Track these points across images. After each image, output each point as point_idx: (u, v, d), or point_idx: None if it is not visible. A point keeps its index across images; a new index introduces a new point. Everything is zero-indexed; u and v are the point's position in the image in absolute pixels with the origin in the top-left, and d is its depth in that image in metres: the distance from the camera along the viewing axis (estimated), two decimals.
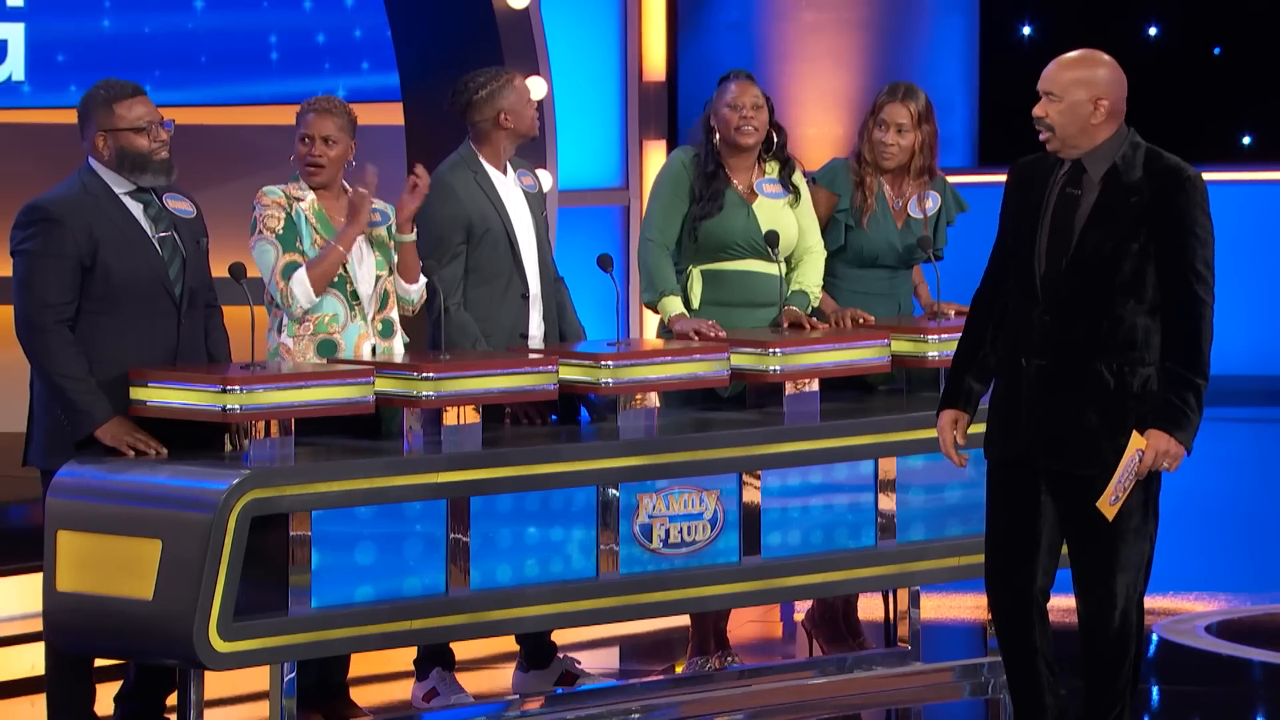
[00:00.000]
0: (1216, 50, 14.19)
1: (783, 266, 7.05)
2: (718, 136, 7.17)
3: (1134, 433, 5.60)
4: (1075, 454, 5.65)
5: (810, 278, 7.15)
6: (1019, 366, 5.72)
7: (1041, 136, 5.75)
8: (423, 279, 6.65)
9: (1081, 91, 5.68)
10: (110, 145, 6.24)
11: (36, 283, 6.16)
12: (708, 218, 7.05)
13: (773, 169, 7.18)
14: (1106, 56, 5.79)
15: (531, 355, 6.66)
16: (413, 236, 6.63)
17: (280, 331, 6.54)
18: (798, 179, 7.19)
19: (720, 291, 7.05)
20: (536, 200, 6.95)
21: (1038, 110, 5.74)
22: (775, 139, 7.15)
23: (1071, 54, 5.80)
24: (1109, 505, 5.60)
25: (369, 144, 7.39)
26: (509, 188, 6.90)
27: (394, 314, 6.64)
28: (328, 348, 6.53)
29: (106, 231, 6.21)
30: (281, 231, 6.49)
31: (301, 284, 6.47)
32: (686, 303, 7.01)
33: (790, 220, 7.13)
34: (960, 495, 6.91)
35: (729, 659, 7.18)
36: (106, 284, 6.20)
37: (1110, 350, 5.63)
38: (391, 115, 9.24)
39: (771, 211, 7.11)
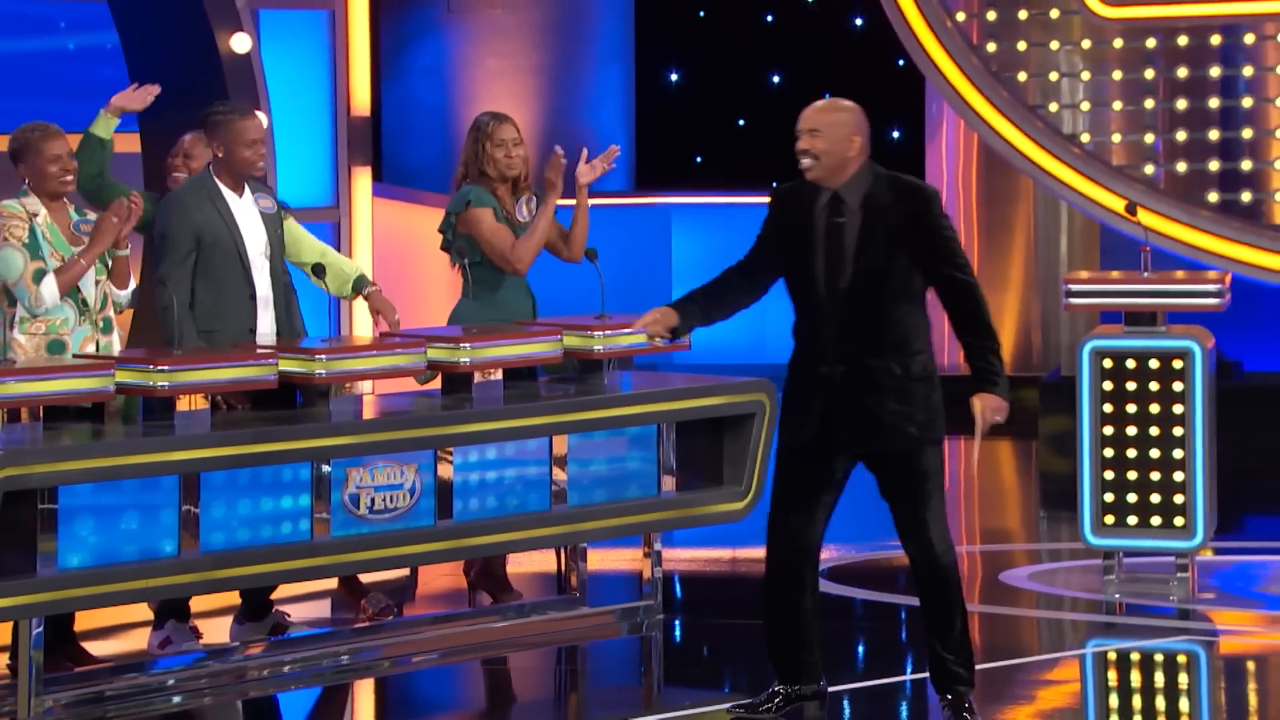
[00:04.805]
0: (826, 95, 14.36)
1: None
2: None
3: (972, 400, 5.75)
4: (887, 438, 5.76)
5: (350, 263, 7.06)
6: (817, 374, 5.77)
7: (804, 165, 5.78)
8: (132, 285, 6.54)
9: (843, 129, 5.75)
10: None
11: None
12: None
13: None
14: (851, 102, 5.86)
15: (255, 350, 6.46)
16: (126, 251, 6.50)
17: (13, 328, 6.36)
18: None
19: None
20: (272, 220, 6.81)
21: (804, 144, 5.77)
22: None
23: (824, 100, 5.86)
24: (975, 464, 5.85)
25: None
26: (242, 206, 6.73)
27: (111, 312, 6.51)
28: (57, 347, 6.38)
29: None
30: (27, 240, 6.32)
31: (50, 288, 6.32)
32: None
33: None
34: (620, 467, 6.87)
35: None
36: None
37: (891, 348, 5.73)
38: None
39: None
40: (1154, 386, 7.64)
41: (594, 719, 6.37)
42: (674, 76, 14.34)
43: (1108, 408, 7.66)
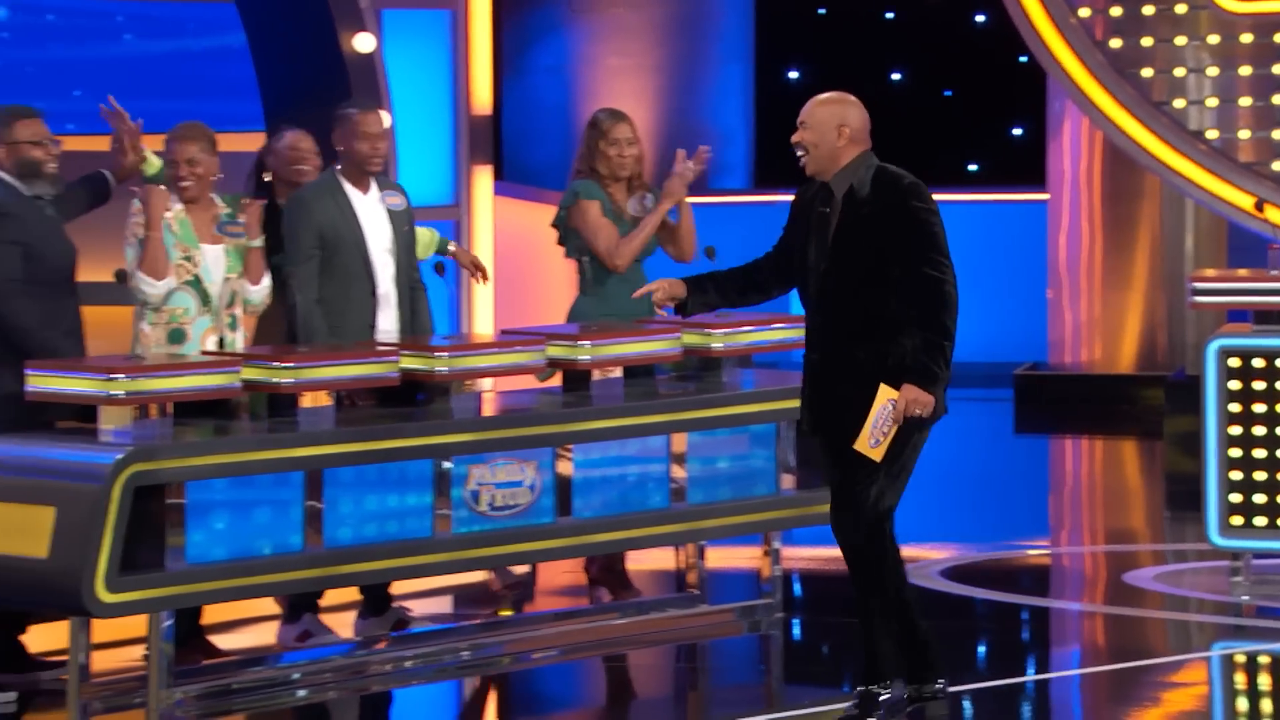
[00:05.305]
0: (948, 93, 14.28)
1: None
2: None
3: (881, 385, 5.72)
4: (845, 424, 5.76)
5: (425, 232, 7.16)
6: (806, 360, 5.85)
7: (800, 159, 5.87)
8: (265, 282, 6.61)
9: (829, 120, 5.82)
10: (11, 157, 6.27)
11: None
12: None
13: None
14: (851, 96, 5.92)
15: (377, 346, 6.53)
16: (258, 242, 6.56)
17: (142, 320, 6.50)
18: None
19: None
20: (400, 217, 6.87)
21: (795, 137, 5.87)
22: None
23: (822, 94, 5.94)
24: (870, 447, 5.72)
25: (237, 168, 7.23)
26: (366, 204, 6.79)
27: (239, 311, 6.58)
28: (176, 336, 6.48)
29: None
30: (144, 236, 6.42)
31: (141, 277, 6.42)
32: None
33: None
34: (738, 465, 6.87)
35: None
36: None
37: (864, 336, 5.73)
38: (255, 143, 9.15)
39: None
40: None
41: (714, 717, 6.38)
42: (794, 75, 14.32)
43: (1235, 407, 7.57)
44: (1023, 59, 12.93)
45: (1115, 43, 10.75)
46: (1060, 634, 7.39)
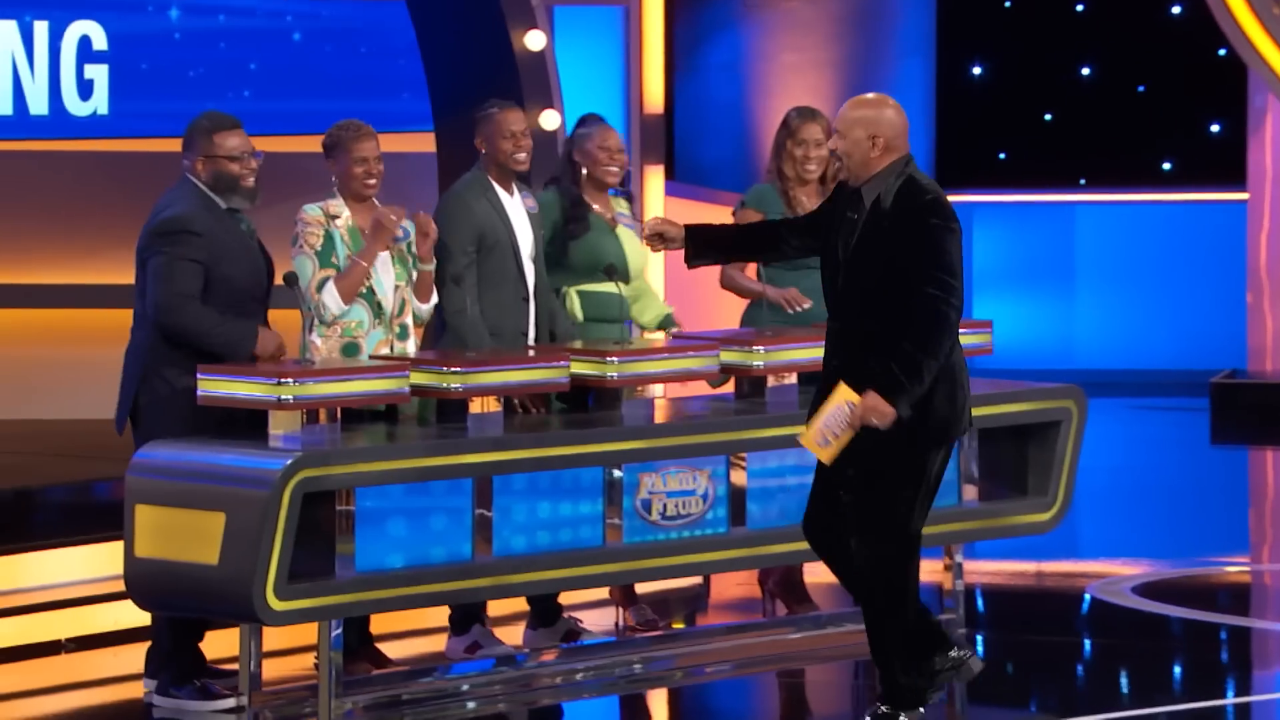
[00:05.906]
0: (1140, 88, 14.07)
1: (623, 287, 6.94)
2: (585, 172, 6.94)
3: (841, 384, 5.66)
4: (863, 445, 5.71)
5: (660, 300, 7.12)
6: (826, 365, 5.85)
7: (836, 166, 5.77)
8: (434, 300, 6.59)
9: (860, 130, 5.75)
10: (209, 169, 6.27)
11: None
12: (575, 238, 6.88)
13: (622, 205, 7.05)
14: (889, 99, 5.81)
15: (546, 351, 6.55)
16: (431, 266, 6.56)
17: (311, 331, 6.46)
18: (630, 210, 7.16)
19: (594, 309, 6.92)
20: (535, 220, 6.87)
21: (830, 144, 5.85)
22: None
23: (860, 96, 5.86)
24: (817, 446, 5.65)
25: (406, 168, 7.30)
26: (514, 206, 6.81)
27: (409, 319, 6.57)
28: (351, 350, 6.45)
29: None
30: (320, 248, 6.41)
31: (331, 295, 6.39)
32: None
33: (642, 248, 7.00)
34: None
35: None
36: None
37: (879, 345, 5.69)
38: (425, 143, 9.25)
39: (630, 239, 6.99)
40: None
41: None
42: (977, 70, 14.18)
43: None
44: (1221, 52, 12.70)
45: None
46: (1262, 655, 7.24)
